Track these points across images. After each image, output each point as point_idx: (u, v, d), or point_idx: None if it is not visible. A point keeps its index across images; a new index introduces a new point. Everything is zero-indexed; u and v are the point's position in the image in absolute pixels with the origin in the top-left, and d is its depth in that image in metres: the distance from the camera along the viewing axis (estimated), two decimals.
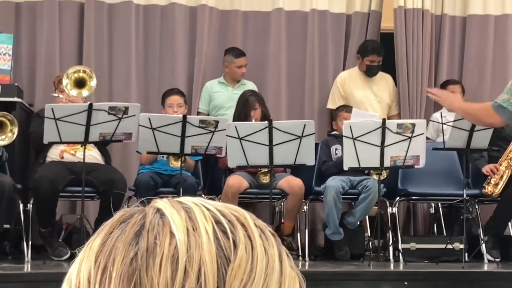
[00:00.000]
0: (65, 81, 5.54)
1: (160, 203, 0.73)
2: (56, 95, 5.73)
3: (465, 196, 5.65)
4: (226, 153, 5.54)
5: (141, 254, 0.68)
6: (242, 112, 5.97)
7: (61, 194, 5.60)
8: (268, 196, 5.59)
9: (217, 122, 5.49)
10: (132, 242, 0.69)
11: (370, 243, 5.86)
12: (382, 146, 5.44)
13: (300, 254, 5.87)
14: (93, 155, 5.72)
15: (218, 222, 0.71)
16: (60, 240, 5.65)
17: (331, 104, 6.71)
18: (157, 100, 6.36)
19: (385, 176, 5.74)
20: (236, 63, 6.50)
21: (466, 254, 5.59)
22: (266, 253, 0.71)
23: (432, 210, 6.75)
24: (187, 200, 0.74)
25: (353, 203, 6.07)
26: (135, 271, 0.68)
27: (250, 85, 6.54)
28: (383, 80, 6.79)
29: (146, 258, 0.68)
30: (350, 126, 5.46)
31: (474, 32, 7.04)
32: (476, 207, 6.02)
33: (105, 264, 0.69)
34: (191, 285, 0.67)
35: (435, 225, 6.65)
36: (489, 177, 5.91)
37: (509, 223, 6.12)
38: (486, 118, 3.59)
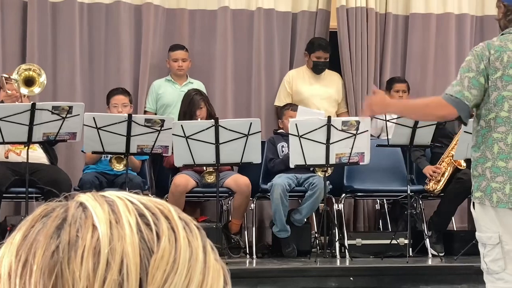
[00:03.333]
0: (15, 75, 5.46)
1: (83, 197, 0.73)
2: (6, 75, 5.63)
3: (409, 192, 5.74)
4: (171, 152, 5.53)
5: (62, 247, 0.68)
6: (187, 112, 5.96)
7: (4, 195, 5.51)
8: (215, 194, 5.60)
9: (163, 121, 5.47)
10: (54, 235, 0.69)
11: (317, 239, 5.91)
12: (327, 143, 5.49)
13: (247, 251, 5.90)
14: (37, 155, 5.64)
15: (141, 215, 0.72)
16: None
17: (278, 102, 6.76)
18: (103, 99, 6.31)
19: (330, 173, 5.80)
20: (171, 56, 6.51)
21: (411, 249, 5.68)
22: (190, 245, 0.72)
23: (377, 206, 6.85)
24: (111, 194, 0.74)
25: (299, 201, 6.11)
26: (56, 264, 0.68)
27: (197, 84, 6.53)
28: (332, 77, 6.86)
29: (67, 251, 0.68)
30: (296, 124, 5.49)
31: (416, 30, 7.16)
32: (420, 202, 6.12)
33: (26, 258, 0.69)
34: (113, 277, 0.67)
35: (380, 221, 6.74)
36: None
37: (452, 218, 6.24)
38: (438, 110, 3.53)
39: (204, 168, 5.72)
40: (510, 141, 3.43)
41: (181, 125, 5.41)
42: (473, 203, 3.56)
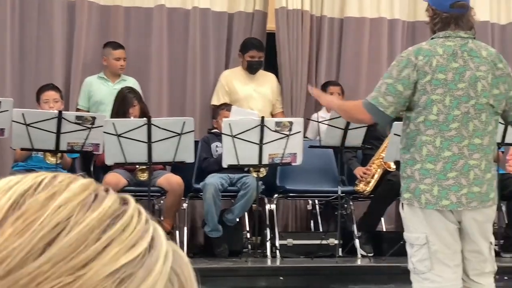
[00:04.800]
0: None
1: None
2: None
3: (339, 193, 5.80)
4: (103, 150, 5.46)
5: None
6: (120, 110, 5.90)
7: None
8: (147, 193, 5.55)
9: (94, 118, 5.40)
10: None
11: (249, 240, 5.92)
12: (261, 143, 5.51)
13: None
14: None
15: None
16: None
17: (216, 101, 6.74)
18: (34, 95, 6.20)
19: (264, 174, 5.82)
20: (114, 55, 6.43)
21: (340, 249, 5.74)
22: None
23: (309, 207, 6.90)
24: None
25: (232, 200, 6.11)
26: None
27: (131, 81, 6.47)
28: (266, 78, 6.88)
29: None
30: (230, 124, 5.49)
31: (350, 33, 7.25)
32: (351, 203, 6.19)
33: None
34: None
35: (312, 221, 6.80)
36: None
37: (382, 219, 6.34)
38: (357, 114, 3.67)
39: (136, 166, 5.66)
40: (439, 143, 3.50)
41: (113, 123, 5.35)
42: (402, 204, 3.62)
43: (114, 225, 0.60)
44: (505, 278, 5.17)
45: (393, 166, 5.93)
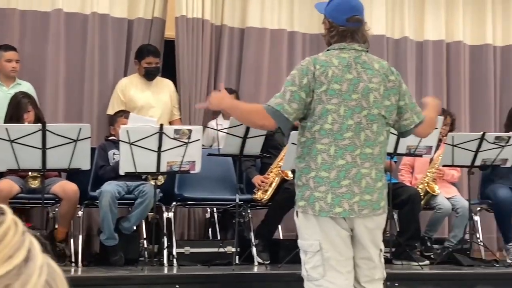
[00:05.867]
0: None
1: None
2: None
3: (237, 201, 5.83)
4: None
5: None
6: (14, 115, 5.76)
7: None
8: (41, 201, 5.42)
9: None
10: None
11: (146, 248, 5.86)
12: (159, 151, 5.48)
13: (73, 260, 5.75)
14: None
15: None
16: None
17: (111, 110, 6.65)
18: None
19: (162, 181, 5.78)
20: (5, 57, 6.28)
21: (237, 257, 5.77)
22: None
23: (207, 215, 6.90)
24: None
25: (129, 208, 6.05)
26: None
27: (26, 86, 6.31)
28: (164, 84, 6.86)
29: None
30: (127, 131, 5.43)
31: (251, 43, 7.33)
32: (249, 211, 6.24)
33: None
34: None
35: (210, 229, 6.80)
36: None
37: (279, 227, 6.41)
38: (259, 119, 3.61)
39: (29, 173, 5.53)
40: (333, 152, 3.57)
41: (6, 128, 5.20)
42: (297, 211, 3.67)
43: None
44: (396, 284, 5.32)
45: (290, 174, 6.02)
